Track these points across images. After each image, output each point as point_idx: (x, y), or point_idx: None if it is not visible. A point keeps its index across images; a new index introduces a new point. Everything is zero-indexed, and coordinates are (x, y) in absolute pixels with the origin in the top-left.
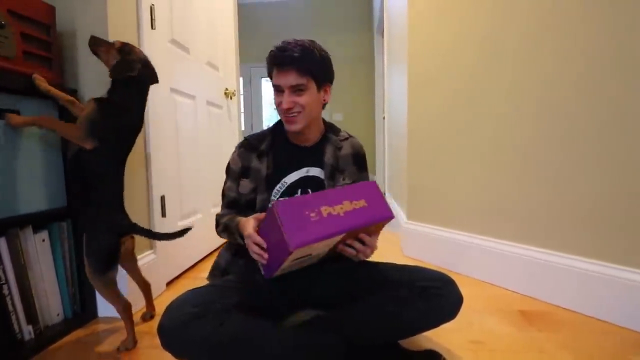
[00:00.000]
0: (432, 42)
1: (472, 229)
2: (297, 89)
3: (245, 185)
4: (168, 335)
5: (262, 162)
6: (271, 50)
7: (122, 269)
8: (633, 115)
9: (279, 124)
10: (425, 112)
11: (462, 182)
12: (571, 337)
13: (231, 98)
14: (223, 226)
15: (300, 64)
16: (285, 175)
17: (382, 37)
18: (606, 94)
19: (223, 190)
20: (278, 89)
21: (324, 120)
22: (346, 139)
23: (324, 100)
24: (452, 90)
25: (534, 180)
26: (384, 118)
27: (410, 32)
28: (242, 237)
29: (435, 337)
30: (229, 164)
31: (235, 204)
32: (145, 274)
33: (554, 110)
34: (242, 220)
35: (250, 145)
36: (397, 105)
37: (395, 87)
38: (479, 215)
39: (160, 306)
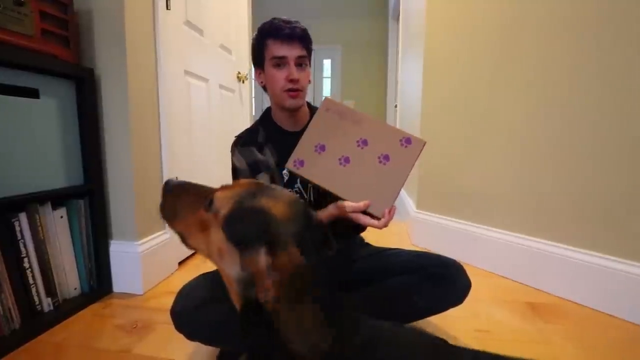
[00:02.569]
0: (450, 27)
1: (481, 220)
2: (300, 63)
3: (264, 178)
4: (180, 319)
5: (265, 153)
6: (272, 23)
7: (131, 242)
8: None
9: (266, 115)
10: (439, 101)
11: (473, 173)
12: (577, 329)
13: (243, 82)
14: None
15: (305, 38)
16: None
17: (397, 22)
18: (628, 85)
19: None
20: (281, 62)
21: (309, 105)
22: None
23: (309, 80)
24: (468, 79)
25: (545, 172)
26: (395, 106)
27: (427, 17)
28: None
29: (442, 325)
30: (235, 168)
31: None
32: (157, 253)
33: (574, 101)
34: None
35: (245, 141)
36: (411, 93)
37: (409, 74)
38: (488, 206)
39: (172, 285)
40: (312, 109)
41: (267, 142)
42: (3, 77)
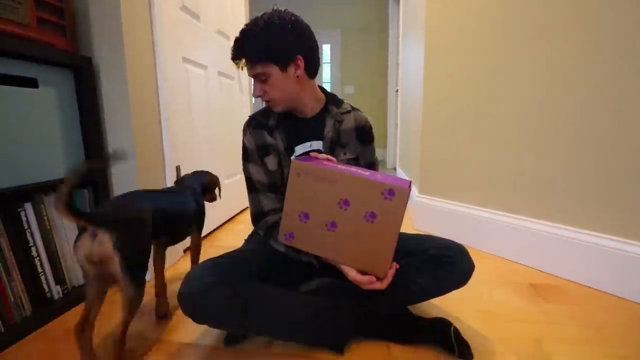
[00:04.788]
0: (451, 9)
1: (484, 203)
2: (260, 79)
3: (271, 161)
4: (187, 303)
5: (275, 137)
6: None
7: None
8: None
9: None
10: (441, 84)
11: (475, 156)
12: (580, 309)
13: (242, 69)
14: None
15: (248, 53)
16: (294, 148)
17: (398, 5)
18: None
19: (249, 178)
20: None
21: (324, 91)
22: (348, 112)
23: (297, 75)
24: (471, 62)
25: (547, 154)
26: (396, 91)
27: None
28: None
29: (445, 306)
30: (245, 148)
31: (274, 187)
32: None
33: (575, 85)
34: None
35: (259, 123)
36: (412, 77)
37: (410, 58)
38: (491, 190)
39: (178, 272)
40: (327, 96)
41: (278, 126)
42: (1, 67)
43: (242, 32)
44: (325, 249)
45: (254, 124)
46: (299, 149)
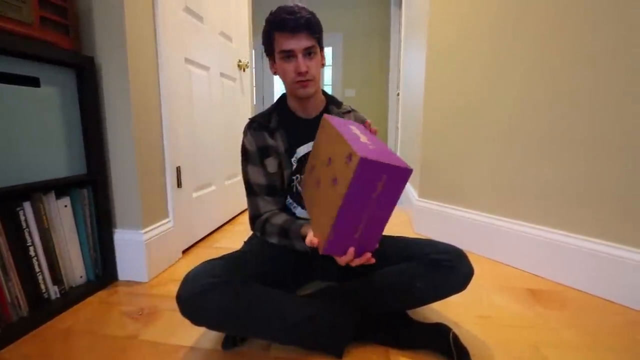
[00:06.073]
0: (454, 13)
1: (484, 208)
2: (309, 52)
3: (271, 163)
4: (185, 304)
5: (276, 139)
6: (276, 15)
7: (135, 230)
8: None
9: (282, 100)
10: (442, 88)
11: (475, 161)
12: (578, 315)
13: (244, 70)
14: (278, 229)
15: (311, 26)
16: (296, 150)
17: (400, 9)
18: (629, 75)
19: (248, 181)
20: (289, 55)
21: (324, 93)
22: (348, 112)
23: (323, 63)
24: (471, 67)
25: (546, 160)
26: (398, 95)
27: (432, 4)
28: (303, 239)
29: (444, 311)
30: (245, 149)
31: (272, 190)
32: (161, 241)
33: (574, 91)
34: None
35: (259, 124)
36: (414, 81)
37: (412, 62)
38: (491, 195)
39: (176, 273)
40: (327, 97)
41: (279, 127)
42: (3, 66)
43: (298, 9)
44: (309, 204)
45: (254, 125)
46: (302, 150)
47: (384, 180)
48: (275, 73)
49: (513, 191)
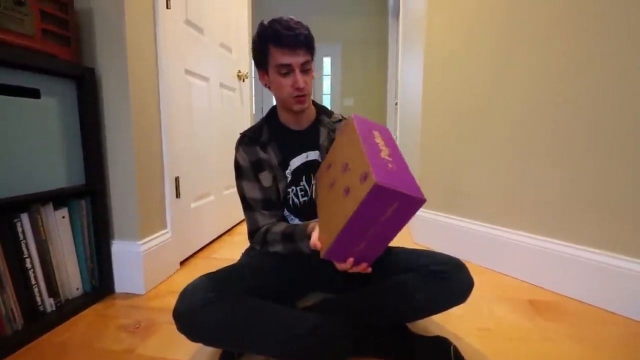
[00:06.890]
0: (450, 23)
1: (483, 218)
2: (305, 68)
3: (266, 177)
4: (182, 320)
5: (269, 152)
6: (273, 29)
7: (133, 242)
8: None
9: (272, 113)
10: (440, 98)
11: (474, 171)
12: (578, 327)
13: (243, 81)
14: (281, 235)
15: (308, 42)
16: (290, 161)
17: (397, 20)
18: (633, 83)
19: (243, 196)
20: (287, 69)
21: (314, 102)
22: (339, 120)
23: (313, 76)
24: (468, 76)
25: (546, 170)
26: (396, 104)
27: (428, 14)
28: (309, 238)
29: (444, 323)
30: (238, 165)
31: (268, 203)
32: (159, 252)
33: (573, 100)
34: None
35: (250, 139)
36: (411, 90)
37: (409, 72)
38: (490, 205)
39: (174, 285)
40: (318, 107)
41: (271, 141)
42: (4, 78)
43: (295, 24)
44: (320, 202)
45: (245, 140)
46: (295, 162)
47: (395, 206)
48: (265, 85)
49: (513, 201)
